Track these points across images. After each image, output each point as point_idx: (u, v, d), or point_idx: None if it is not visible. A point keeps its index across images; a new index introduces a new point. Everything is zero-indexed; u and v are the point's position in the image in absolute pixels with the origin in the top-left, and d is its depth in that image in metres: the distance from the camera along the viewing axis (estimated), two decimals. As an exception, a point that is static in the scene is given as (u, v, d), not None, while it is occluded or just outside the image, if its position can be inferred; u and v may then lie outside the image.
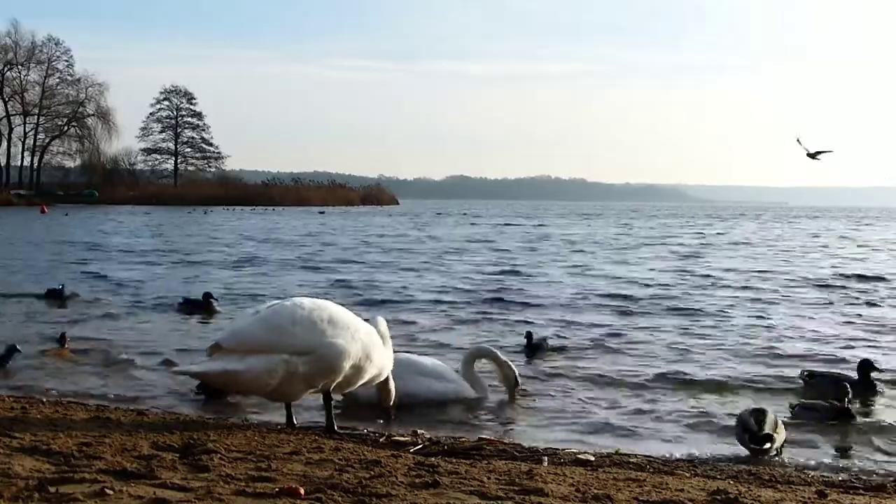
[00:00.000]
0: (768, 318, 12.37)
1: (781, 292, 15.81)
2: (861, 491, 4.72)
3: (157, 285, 15.99)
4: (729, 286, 16.86)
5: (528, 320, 11.85)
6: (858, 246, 32.72)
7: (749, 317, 12.59)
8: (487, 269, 20.07)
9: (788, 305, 14.05)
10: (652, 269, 20.59)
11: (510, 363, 7.47)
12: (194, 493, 3.73)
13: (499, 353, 7.58)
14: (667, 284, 17.07)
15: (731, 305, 13.89)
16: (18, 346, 8.32)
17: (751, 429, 5.70)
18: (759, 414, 5.81)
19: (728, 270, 20.32)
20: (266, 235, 34.86)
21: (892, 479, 5.18)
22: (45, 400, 6.35)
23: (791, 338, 10.68)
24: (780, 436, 5.77)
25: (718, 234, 43.57)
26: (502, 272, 19.34)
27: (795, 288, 16.66)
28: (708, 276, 18.98)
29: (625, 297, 14.77)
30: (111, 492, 3.65)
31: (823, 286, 17.00)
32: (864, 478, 5.22)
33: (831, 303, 14.46)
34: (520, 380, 7.44)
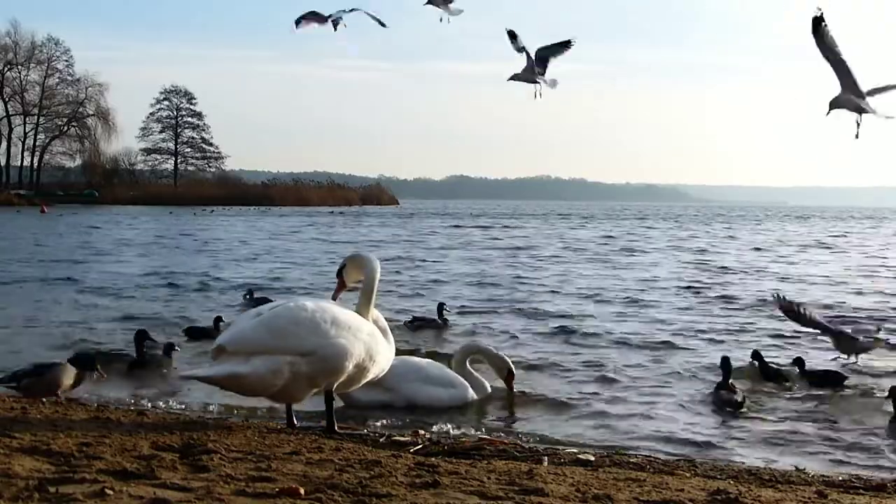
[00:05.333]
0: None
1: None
2: (861, 491, 4.72)
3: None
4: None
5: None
6: None
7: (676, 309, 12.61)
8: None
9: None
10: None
11: (502, 355, 7.48)
12: (194, 493, 3.73)
13: (488, 346, 7.58)
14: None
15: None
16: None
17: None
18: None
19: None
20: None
21: (892, 479, 5.18)
22: (44, 400, 6.35)
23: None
24: None
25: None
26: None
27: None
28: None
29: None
30: (111, 492, 3.65)
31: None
32: (865, 478, 5.22)
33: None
34: (514, 370, 7.43)
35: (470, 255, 25.66)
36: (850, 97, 6.25)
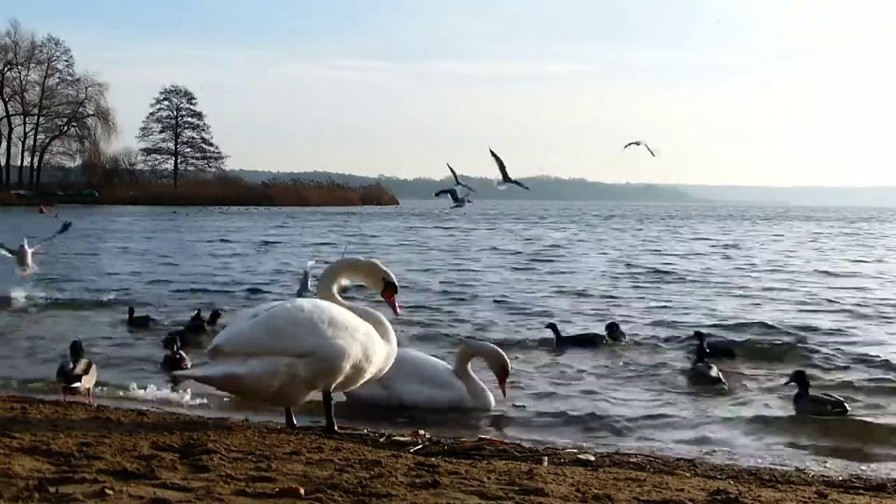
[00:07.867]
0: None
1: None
2: (861, 491, 4.72)
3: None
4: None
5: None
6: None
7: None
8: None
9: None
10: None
11: (499, 351, 7.08)
12: (194, 493, 3.73)
13: (484, 343, 7.47)
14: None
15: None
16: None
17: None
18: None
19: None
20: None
21: (892, 479, 5.18)
22: (45, 400, 6.35)
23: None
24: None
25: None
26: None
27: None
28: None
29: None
30: (111, 492, 3.65)
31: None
32: (865, 478, 5.22)
33: None
34: (510, 369, 7.05)
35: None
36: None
